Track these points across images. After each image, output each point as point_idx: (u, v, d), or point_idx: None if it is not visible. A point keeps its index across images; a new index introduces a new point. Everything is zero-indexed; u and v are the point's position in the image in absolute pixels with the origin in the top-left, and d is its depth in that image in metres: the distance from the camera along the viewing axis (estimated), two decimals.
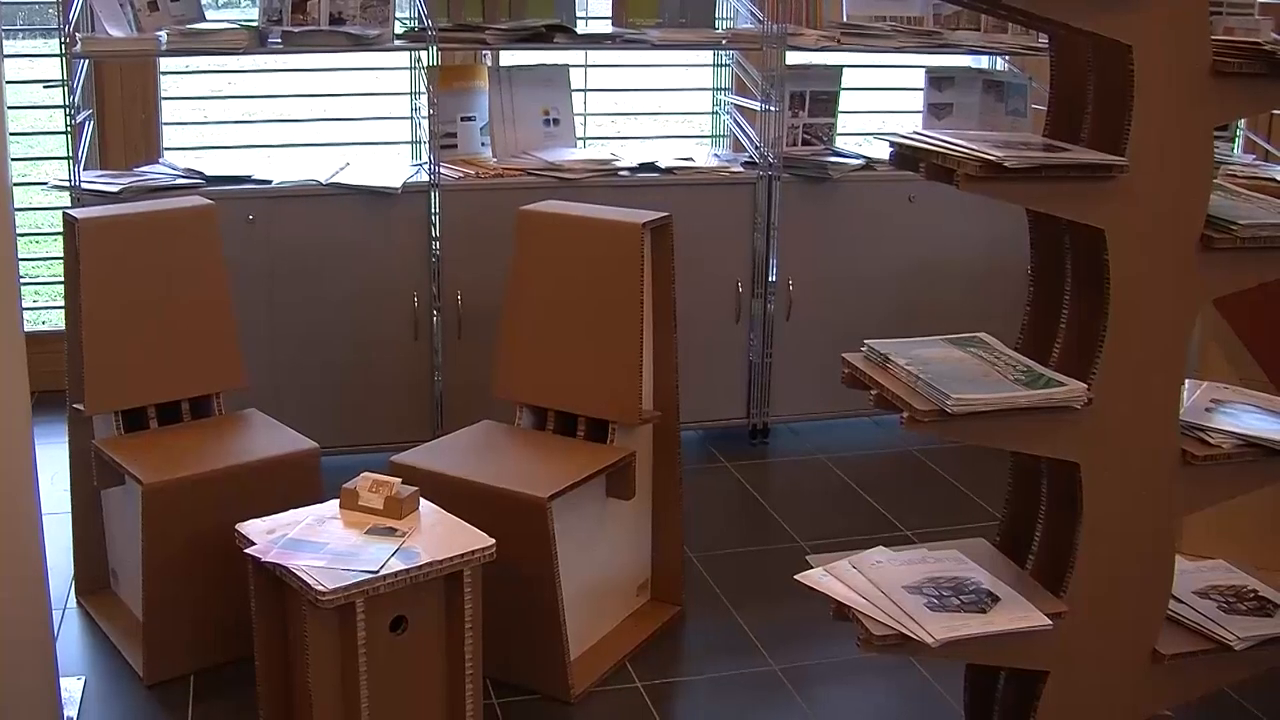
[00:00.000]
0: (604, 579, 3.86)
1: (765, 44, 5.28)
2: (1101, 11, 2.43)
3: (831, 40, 5.36)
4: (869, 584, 2.62)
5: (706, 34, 5.37)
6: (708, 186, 5.23)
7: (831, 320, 5.38)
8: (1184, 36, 2.49)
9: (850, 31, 5.43)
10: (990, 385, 2.47)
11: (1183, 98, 2.52)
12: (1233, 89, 2.57)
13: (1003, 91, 5.90)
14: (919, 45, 5.52)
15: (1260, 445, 2.71)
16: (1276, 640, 2.83)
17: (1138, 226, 2.52)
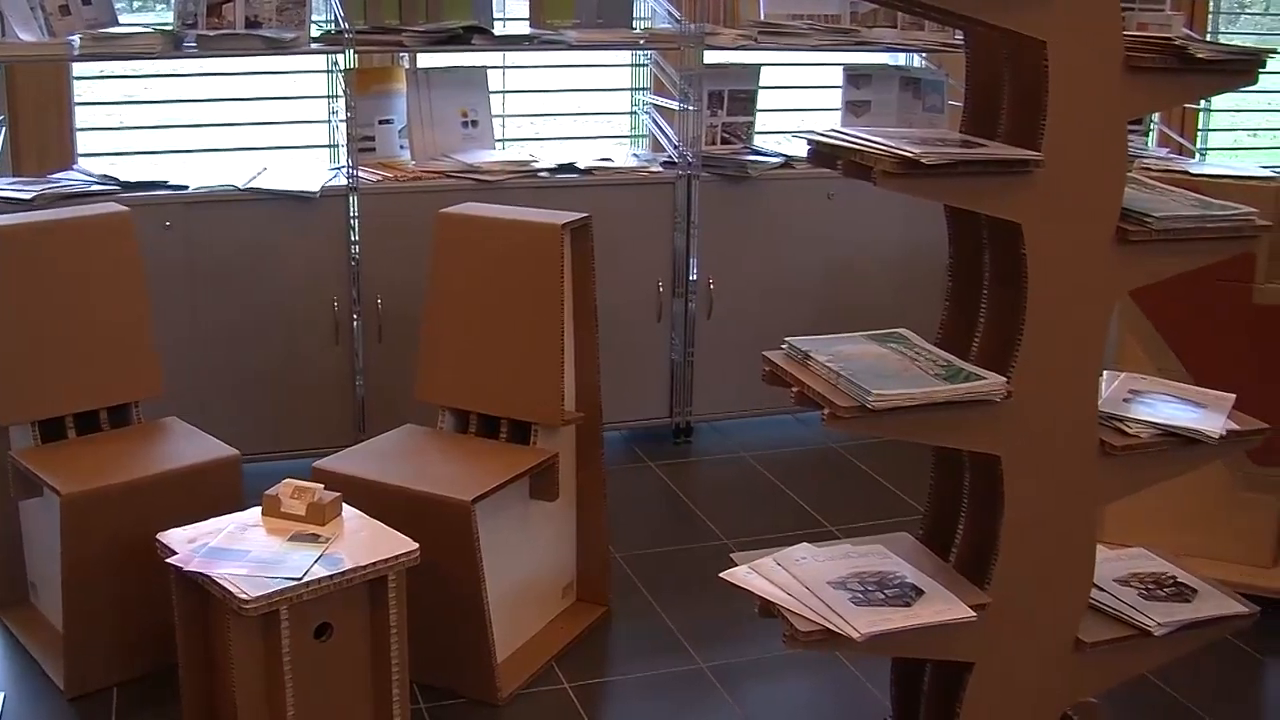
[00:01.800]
0: (529, 581, 3.85)
1: (683, 44, 5.29)
2: (1015, 8, 2.45)
3: (749, 39, 5.38)
4: (794, 581, 2.63)
5: (624, 34, 5.37)
6: (627, 187, 5.24)
7: (753, 318, 5.40)
8: (1097, 32, 2.52)
9: (768, 30, 5.44)
10: (910, 380, 2.48)
11: (1096, 93, 2.54)
12: (1145, 84, 2.59)
13: (920, 88, 5.94)
14: (836, 43, 5.55)
15: (1177, 434, 2.74)
16: (1195, 625, 2.87)
17: (1054, 221, 2.54)
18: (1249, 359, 4.17)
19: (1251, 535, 4.32)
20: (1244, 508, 4.30)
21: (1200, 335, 4.25)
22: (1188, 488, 3.43)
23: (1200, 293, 4.13)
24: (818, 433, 5.56)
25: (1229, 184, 4.19)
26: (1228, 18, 7.76)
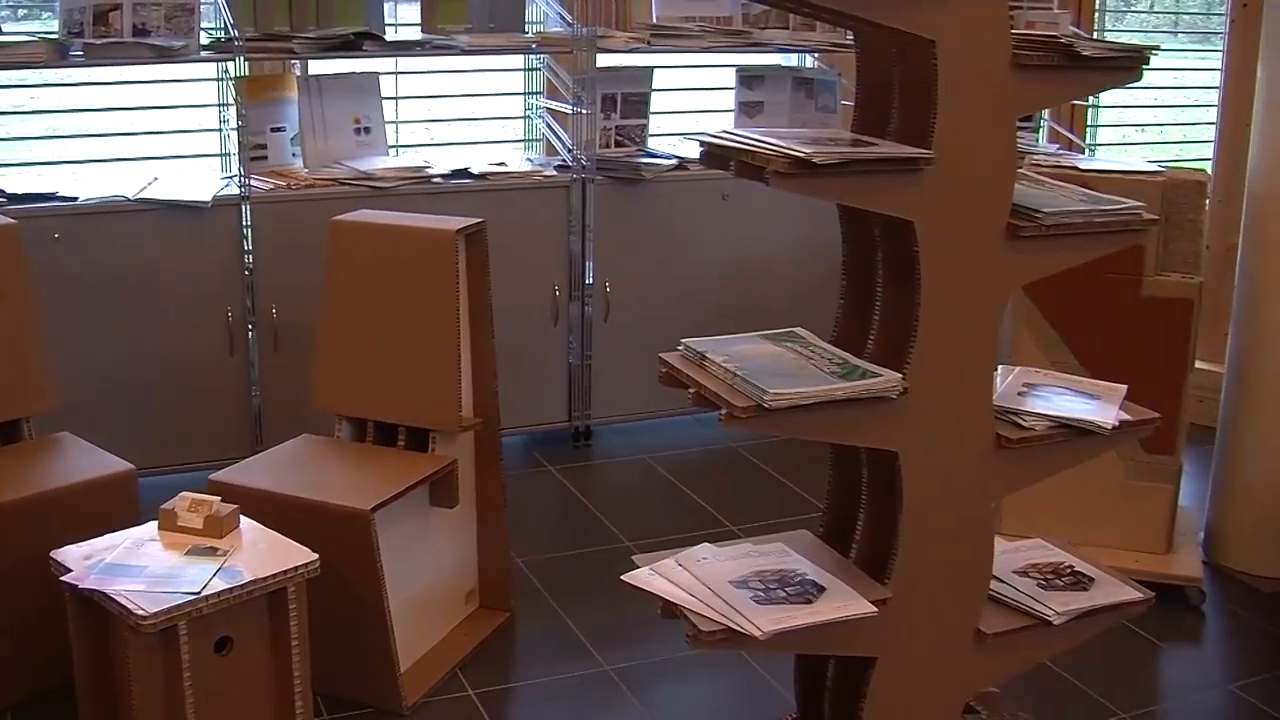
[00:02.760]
0: (431, 588, 3.84)
1: (575, 47, 5.29)
2: (904, 8, 2.46)
3: (641, 42, 5.39)
4: (695, 581, 2.63)
5: (516, 38, 5.36)
6: (522, 191, 5.23)
7: (650, 320, 5.41)
8: (985, 31, 2.54)
9: (660, 32, 5.46)
10: (807, 379, 2.49)
11: (985, 91, 2.56)
12: (1033, 81, 2.62)
13: (812, 88, 5.97)
14: (729, 45, 5.58)
15: (1071, 426, 2.77)
16: (1093, 613, 2.90)
17: (945, 217, 2.56)
18: (1139, 350, 4.23)
19: (1145, 523, 4.39)
20: (1137, 496, 4.37)
21: (1092, 328, 4.31)
22: (1083, 478, 3.47)
23: (1091, 286, 4.19)
24: (717, 433, 5.58)
25: (1117, 179, 4.26)
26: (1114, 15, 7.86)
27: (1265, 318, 4.48)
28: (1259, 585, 4.51)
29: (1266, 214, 4.47)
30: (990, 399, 2.73)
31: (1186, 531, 4.57)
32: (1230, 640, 4.25)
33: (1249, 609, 4.37)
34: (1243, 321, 4.57)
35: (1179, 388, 4.28)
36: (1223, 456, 4.68)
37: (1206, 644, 4.23)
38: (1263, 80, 4.51)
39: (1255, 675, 3.98)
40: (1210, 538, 4.69)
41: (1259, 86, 4.53)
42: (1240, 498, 4.61)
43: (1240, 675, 3.99)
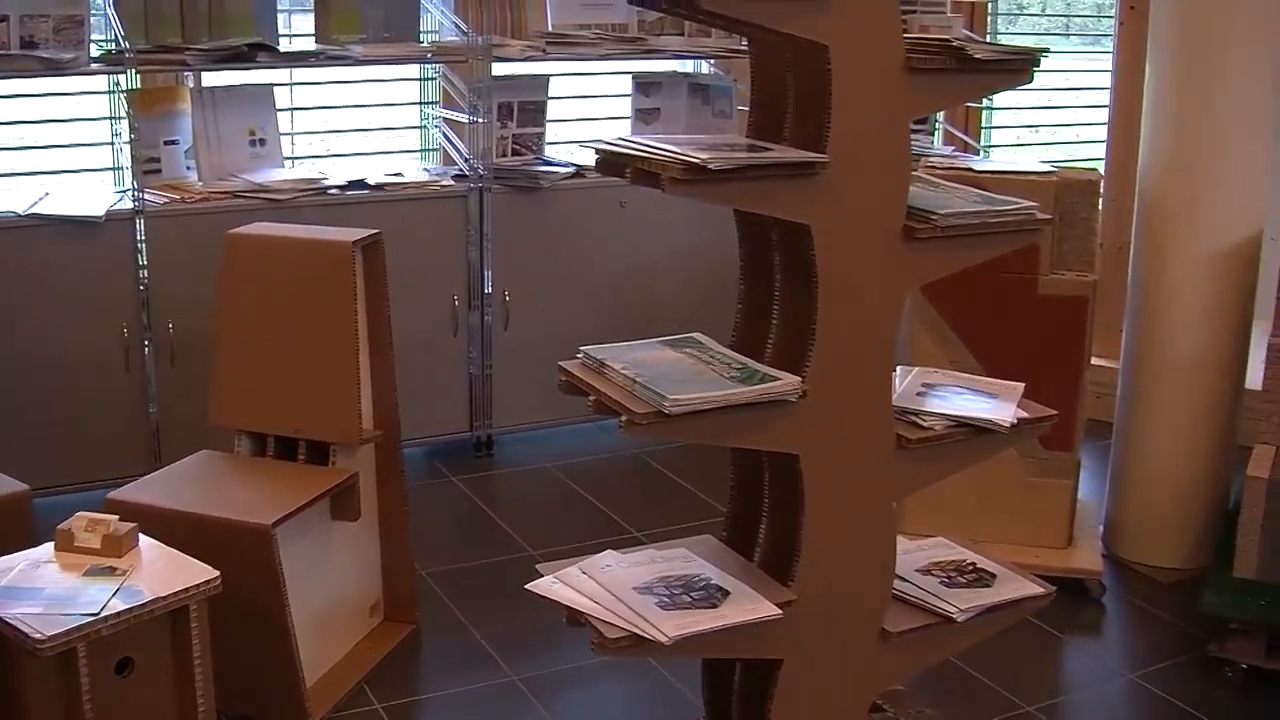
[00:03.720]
0: (335, 602, 3.81)
1: (471, 56, 5.27)
2: (796, 13, 2.47)
3: (537, 50, 5.38)
4: (600, 588, 2.63)
5: (411, 48, 5.34)
6: (419, 201, 5.21)
7: (550, 329, 5.40)
8: (877, 35, 2.55)
9: (555, 41, 5.45)
10: (706, 384, 2.49)
11: (879, 94, 2.58)
12: (926, 84, 2.64)
13: (708, 94, 6.00)
14: (624, 52, 5.59)
15: (970, 425, 2.79)
16: (996, 608, 2.93)
17: (841, 221, 2.57)
18: (1036, 348, 4.28)
19: (1046, 518, 4.45)
20: (1037, 492, 4.42)
21: (989, 327, 4.35)
22: (983, 476, 3.50)
23: (988, 286, 4.23)
24: (620, 440, 5.54)
25: (1011, 179, 4.30)
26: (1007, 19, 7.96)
27: (1158, 314, 4.54)
28: (1158, 576, 4.58)
29: (1157, 212, 4.53)
30: (889, 400, 2.74)
31: (1086, 526, 4.63)
32: (1131, 631, 4.31)
33: (1149, 600, 4.43)
34: (1137, 318, 4.64)
35: (1076, 384, 4.33)
36: (1120, 451, 4.74)
37: (1108, 635, 4.29)
38: (1151, 81, 4.58)
39: (1156, 664, 4.04)
40: (1110, 531, 4.76)
41: (1147, 87, 4.60)
42: (1138, 491, 4.67)
43: (1142, 665, 4.04)
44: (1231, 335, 4.52)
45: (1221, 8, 4.34)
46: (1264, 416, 4.20)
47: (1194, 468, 4.58)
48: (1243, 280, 4.49)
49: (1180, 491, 4.59)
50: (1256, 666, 3.93)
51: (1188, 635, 4.19)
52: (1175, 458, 4.57)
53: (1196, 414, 4.54)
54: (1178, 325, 4.50)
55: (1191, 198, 4.45)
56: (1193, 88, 4.42)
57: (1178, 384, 4.54)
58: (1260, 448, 4.16)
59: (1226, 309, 4.48)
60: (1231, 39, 4.35)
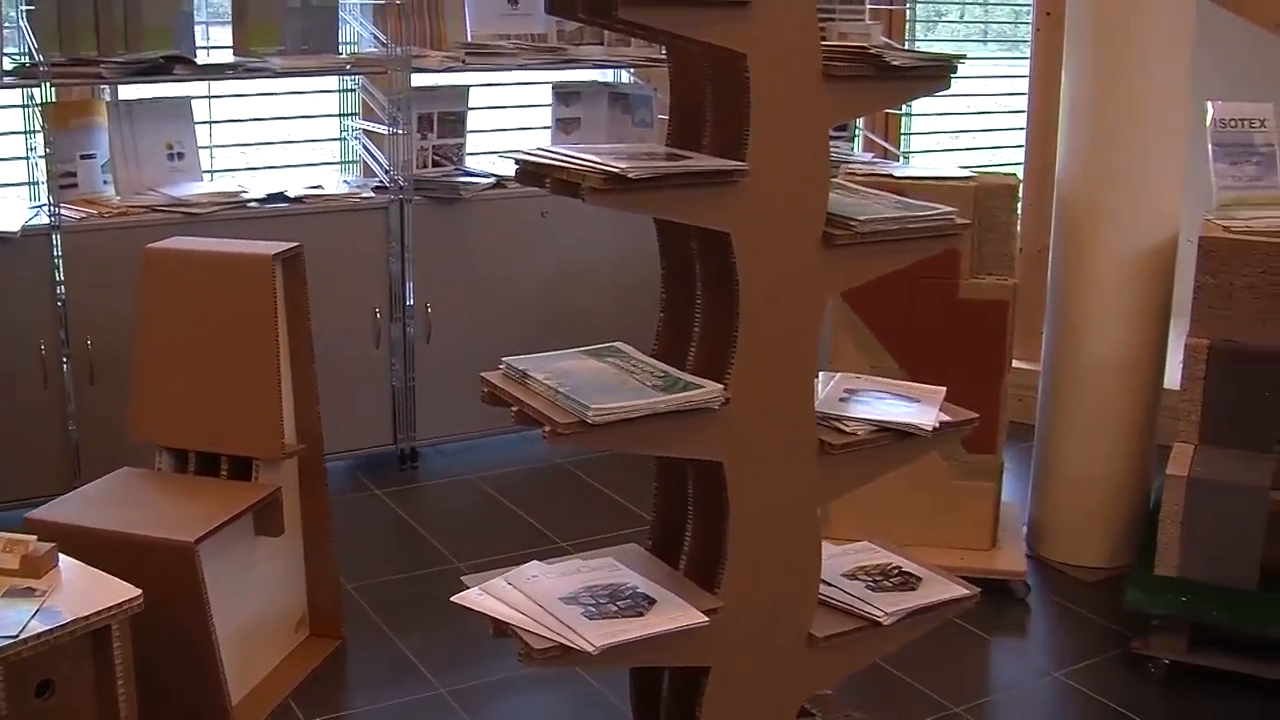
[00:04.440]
0: (260, 618, 3.78)
1: (390, 67, 5.26)
2: (714, 22, 2.48)
3: (456, 61, 5.37)
4: (525, 599, 2.63)
5: (330, 60, 5.31)
6: (339, 213, 5.18)
7: (473, 340, 5.38)
8: (795, 43, 2.56)
9: (475, 51, 5.45)
10: (629, 393, 2.49)
11: (797, 102, 2.59)
12: (844, 91, 2.65)
13: (628, 103, 6.00)
14: (544, 62, 5.59)
15: (893, 429, 2.81)
16: (922, 611, 2.94)
17: (761, 228, 2.58)
18: (957, 352, 4.31)
19: (970, 521, 4.47)
20: (961, 495, 4.45)
21: (911, 332, 4.38)
22: (907, 480, 3.52)
23: (909, 290, 4.26)
24: (544, 450, 5.54)
25: (931, 185, 4.33)
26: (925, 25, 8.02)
27: (1077, 316, 4.59)
28: (1081, 575, 4.62)
29: (1075, 215, 4.58)
30: (812, 406, 2.75)
31: (1010, 527, 4.66)
32: (1056, 630, 4.35)
33: (1073, 599, 4.47)
34: (1056, 320, 4.68)
35: (998, 387, 4.36)
36: (1042, 452, 4.78)
37: (1033, 635, 4.32)
38: (1067, 86, 4.63)
39: (1081, 662, 4.08)
40: (1033, 531, 4.80)
41: (1064, 92, 4.65)
42: (1059, 491, 4.71)
43: (1067, 663, 4.08)
44: (1150, 336, 4.57)
45: (1136, 13, 4.39)
46: (1182, 415, 4.24)
47: (1115, 468, 4.62)
48: (1160, 282, 4.54)
49: (1101, 491, 4.63)
50: (1179, 662, 3.98)
51: (1111, 633, 4.23)
52: (1096, 458, 4.62)
53: (1117, 414, 4.59)
54: (1097, 327, 4.55)
55: (1109, 201, 4.50)
56: (1109, 92, 4.47)
57: (1098, 385, 4.59)
58: (1179, 446, 4.20)
59: (1145, 310, 4.53)
60: (1146, 43, 4.40)
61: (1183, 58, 4.45)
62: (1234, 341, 4.19)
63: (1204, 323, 4.22)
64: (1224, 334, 4.20)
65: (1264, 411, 4.17)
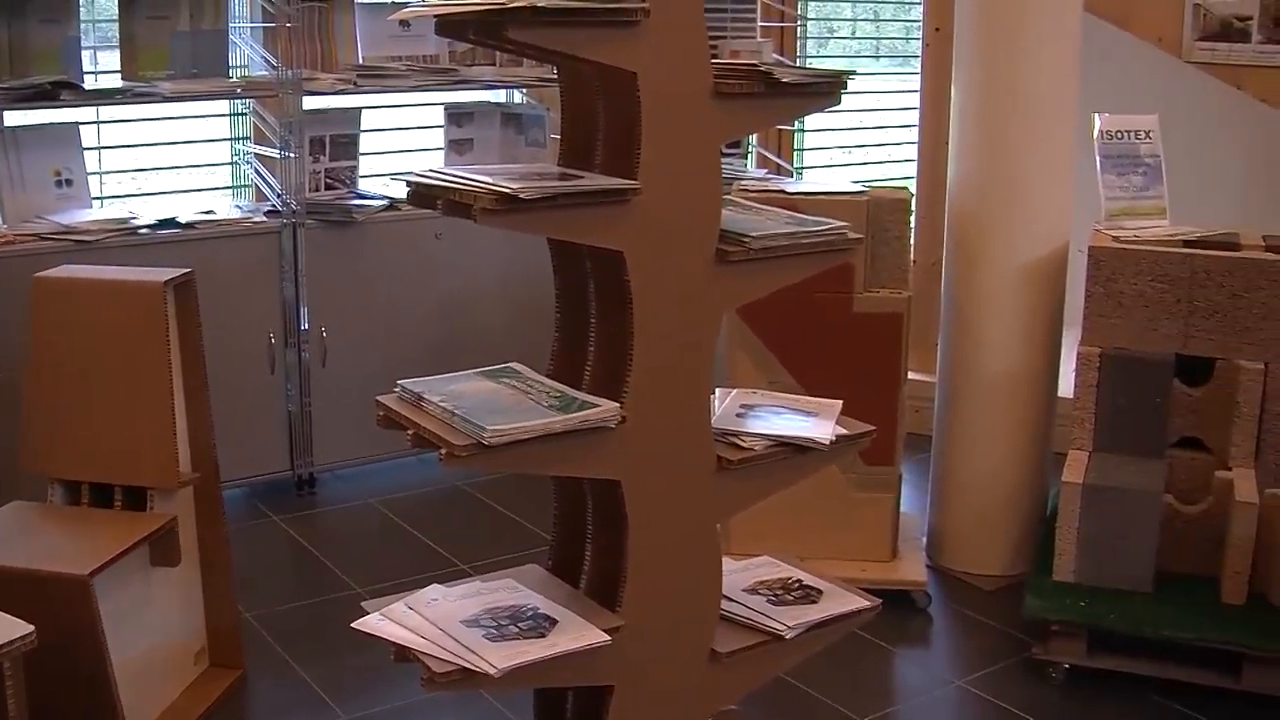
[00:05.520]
0: (157, 651, 3.73)
1: (281, 90, 5.22)
2: (604, 42, 2.48)
3: (348, 83, 5.35)
4: (426, 623, 2.61)
5: (220, 83, 5.26)
6: (231, 238, 5.13)
7: (369, 363, 5.35)
8: (686, 62, 2.57)
9: (366, 73, 5.43)
10: (525, 414, 2.49)
11: (689, 120, 2.60)
12: (735, 109, 2.66)
13: (521, 123, 6.00)
14: (435, 83, 5.58)
15: (790, 443, 2.82)
16: (823, 624, 2.95)
17: (654, 246, 2.58)
18: (853, 365, 4.34)
19: (869, 532, 4.51)
20: (860, 507, 4.48)
21: (806, 346, 4.40)
22: (806, 493, 3.53)
23: (803, 305, 4.28)
24: (442, 473, 5.51)
25: (823, 200, 4.35)
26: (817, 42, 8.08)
27: (972, 327, 4.63)
28: (980, 584, 4.66)
29: (967, 228, 4.63)
30: (708, 423, 2.76)
31: (910, 538, 4.70)
32: (958, 638, 4.39)
33: (973, 607, 4.52)
34: (951, 332, 4.73)
35: (894, 399, 4.40)
36: (939, 462, 4.82)
37: (935, 644, 4.36)
38: (956, 101, 4.68)
39: (983, 669, 4.12)
40: (932, 541, 4.83)
41: (953, 107, 4.70)
42: (957, 501, 4.76)
43: (969, 670, 4.12)
44: (1043, 345, 4.62)
45: (1022, 28, 4.45)
46: (1076, 423, 4.30)
47: (1011, 476, 4.67)
48: (1052, 291, 4.60)
49: (999, 500, 4.68)
50: (1079, 666, 4.03)
51: (1012, 639, 4.27)
52: (993, 467, 4.66)
53: (1012, 423, 4.64)
54: (991, 337, 4.59)
55: (999, 213, 4.55)
56: (997, 106, 4.53)
57: (993, 395, 4.63)
58: (1074, 453, 4.26)
59: (1037, 320, 4.59)
60: (1033, 57, 4.45)
61: (1069, 71, 4.51)
62: (1125, 349, 4.25)
63: (1095, 331, 4.29)
64: (1115, 342, 4.27)
65: (1155, 417, 4.23)
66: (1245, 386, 4.13)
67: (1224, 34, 6.29)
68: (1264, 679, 3.87)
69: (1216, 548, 4.07)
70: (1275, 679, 3.86)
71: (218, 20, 5.28)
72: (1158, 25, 6.39)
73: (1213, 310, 4.18)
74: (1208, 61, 6.29)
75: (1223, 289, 4.17)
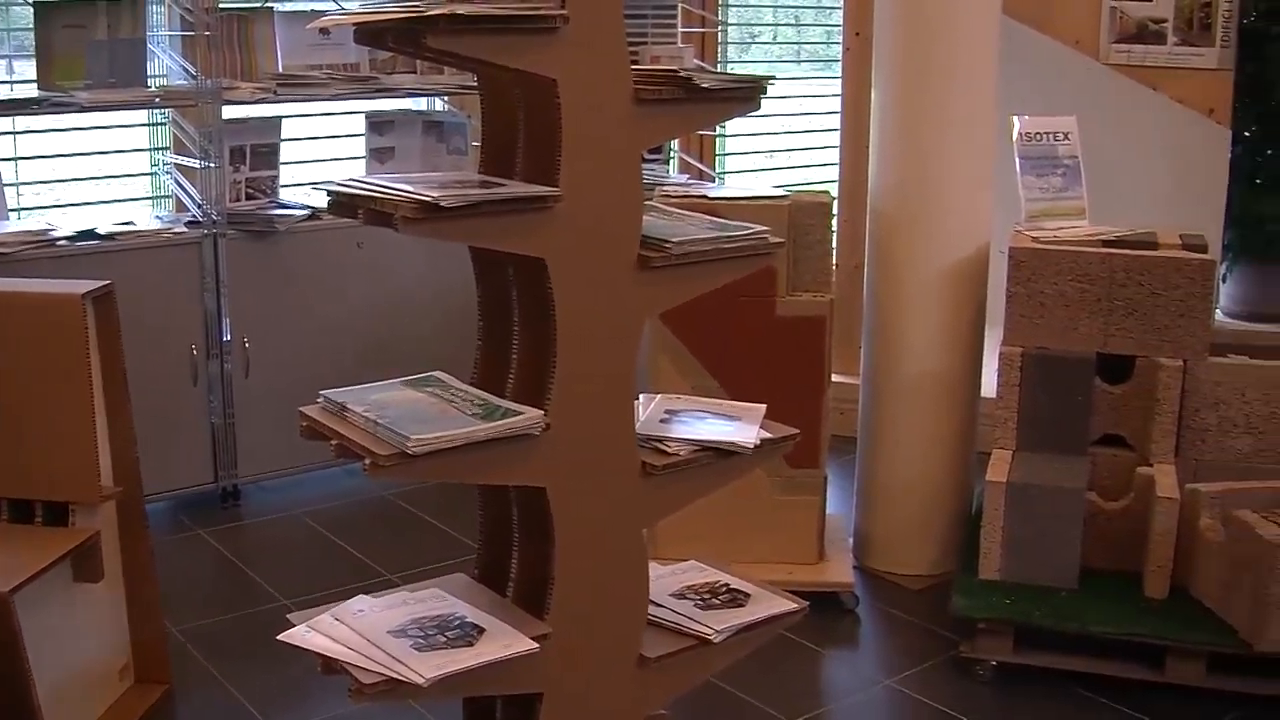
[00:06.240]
0: (81, 668, 3.69)
1: (200, 100, 5.18)
2: (523, 49, 2.48)
3: (268, 92, 5.31)
4: (353, 634, 2.60)
5: (138, 93, 5.21)
6: (152, 250, 5.09)
7: (292, 374, 5.32)
8: (606, 68, 2.57)
9: (286, 82, 5.39)
10: (449, 422, 2.48)
11: (609, 126, 2.60)
12: (655, 115, 2.66)
13: (443, 131, 5.98)
14: (356, 91, 5.55)
15: (715, 448, 2.82)
16: (751, 627, 2.96)
17: (576, 253, 2.58)
18: (777, 369, 4.35)
19: (796, 535, 4.52)
20: (786, 510, 4.49)
21: (730, 350, 4.41)
22: (733, 498, 3.54)
23: (727, 310, 4.29)
24: (368, 483, 5.50)
25: (745, 205, 4.36)
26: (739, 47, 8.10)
27: (895, 329, 4.66)
28: (908, 583, 4.69)
29: (889, 230, 4.65)
30: (633, 428, 2.76)
31: (836, 539, 4.72)
32: (886, 638, 4.41)
33: (900, 607, 4.54)
34: (874, 334, 4.75)
35: (818, 402, 4.42)
36: (864, 464, 4.85)
37: (864, 644, 4.38)
38: (877, 104, 4.70)
39: (911, 668, 4.15)
40: (859, 543, 4.86)
41: (874, 110, 4.72)
42: (882, 502, 4.78)
43: (898, 670, 4.14)
44: (965, 346, 4.66)
45: (941, 32, 4.48)
46: (999, 423, 4.33)
47: (936, 476, 4.70)
48: (973, 292, 4.63)
49: (924, 500, 4.71)
50: (1006, 663, 4.06)
51: (940, 638, 4.30)
52: (918, 468, 4.69)
53: (936, 424, 4.67)
54: (914, 339, 4.62)
55: (920, 215, 4.58)
56: (917, 109, 4.56)
57: (916, 396, 4.66)
58: (998, 452, 4.30)
59: (959, 321, 4.62)
60: (952, 61, 4.49)
61: (988, 74, 4.55)
62: (1046, 348, 4.30)
63: (1017, 331, 4.33)
64: (1036, 342, 4.31)
65: (1077, 415, 4.28)
66: (1165, 383, 4.18)
67: (1140, 36, 6.36)
68: (1186, 670, 3.92)
69: (1139, 543, 4.12)
70: (1198, 670, 3.91)
71: (136, 29, 5.23)
72: (1075, 28, 6.46)
73: (1132, 309, 4.23)
74: (1124, 64, 6.37)
75: (1142, 288, 4.21)
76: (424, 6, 2.42)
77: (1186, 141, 6.30)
